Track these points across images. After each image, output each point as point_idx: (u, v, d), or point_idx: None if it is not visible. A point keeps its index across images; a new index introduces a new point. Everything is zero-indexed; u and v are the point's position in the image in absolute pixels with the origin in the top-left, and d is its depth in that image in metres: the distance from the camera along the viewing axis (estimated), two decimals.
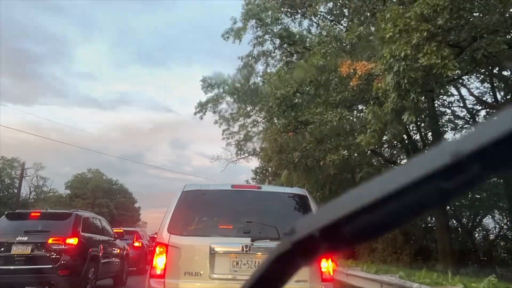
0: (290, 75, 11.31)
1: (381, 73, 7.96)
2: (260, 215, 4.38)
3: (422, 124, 17.33)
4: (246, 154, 37.05)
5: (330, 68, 10.34)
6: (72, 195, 62.98)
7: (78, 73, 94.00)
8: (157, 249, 4.00)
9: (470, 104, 18.78)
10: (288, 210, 4.54)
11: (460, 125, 20.45)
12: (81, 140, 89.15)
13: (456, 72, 10.55)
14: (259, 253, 3.95)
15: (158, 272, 3.89)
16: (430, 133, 17.66)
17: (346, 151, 10.96)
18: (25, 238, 7.25)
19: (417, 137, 18.67)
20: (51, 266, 7.15)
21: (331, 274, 4.17)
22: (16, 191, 43.60)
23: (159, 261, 3.92)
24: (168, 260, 3.90)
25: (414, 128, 16.60)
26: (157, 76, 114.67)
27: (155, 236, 5.82)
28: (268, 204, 4.50)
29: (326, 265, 4.10)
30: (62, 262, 7.29)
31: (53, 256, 7.24)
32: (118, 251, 10.47)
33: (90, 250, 8.16)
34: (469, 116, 19.18)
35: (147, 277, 4.05)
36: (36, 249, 7.23)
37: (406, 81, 7.08)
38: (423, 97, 7.52)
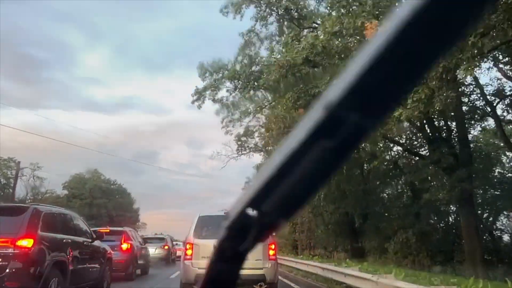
0: (299, 42, 9.53)
1: None
2: None
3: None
4: (248, 150, 35.43)
5: (349, 33, 8.60)
6: (69, 196, 61.74)
7: (82, 78, 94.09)
8: (187, 246, 7.62)
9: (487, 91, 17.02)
10: None
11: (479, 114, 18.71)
12: (83, 143, 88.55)
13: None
14: None
15: (188, 257, 7.43)
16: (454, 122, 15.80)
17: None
18: None
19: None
20: None
21: (275, 255, 7.63)
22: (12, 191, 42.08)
23: (189, 251, 7.47)
24: (193, 250, 7.41)
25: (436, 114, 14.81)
26: (160, 80, 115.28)
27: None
28: None
29: (272, 251, 7.55)
30: (11, 270, 5.60)
31: None
32: (97, 254, 8.77)
33: (53, 254, 6.44)
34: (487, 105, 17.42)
35: (181, 259, 7.87)
36: None
37: None
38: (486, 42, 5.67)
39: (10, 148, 68.87)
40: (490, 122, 19.11)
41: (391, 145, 20.04)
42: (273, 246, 7.57)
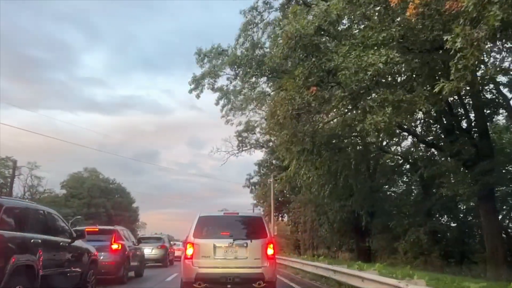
0: (310, 11, 8.35)
1: None
2: (237, 227, 8.32)
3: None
4: (248, 146, 34.21)
5: (367, 1, 7.46)
6: (67, 195, 60.71)
7: (82, 78, 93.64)
8: (188, 245, 7.90)
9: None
10: (251, 224, 8.41)
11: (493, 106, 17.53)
12: (83, 142, 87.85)
13: None
14: (237, 246, 7.72)
15: (189, 256, 7.74)
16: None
17: (393, 109, 7.82)
18: None
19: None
20: None
21: (274, 254, 7.95)
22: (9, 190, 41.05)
23: (189, 251, 7.78)
24: (193, 250, 7.74)
25: (456, 100, 13.55)
26: (160, 80, 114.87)
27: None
28: (241, 221, 8.58)
29: (271, 250, 7.84)
30: None
31: None
32: (78, 256, 7.66)
33: (17, 257, 5.33)
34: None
35: (182, 259, 8.06)
36: None
37: None
38: None
39: (10, 147, 68.29)
40: (500, 117, 18.05)
41: (400, 138, 18.83)
42: (271, 245, 7.88)
